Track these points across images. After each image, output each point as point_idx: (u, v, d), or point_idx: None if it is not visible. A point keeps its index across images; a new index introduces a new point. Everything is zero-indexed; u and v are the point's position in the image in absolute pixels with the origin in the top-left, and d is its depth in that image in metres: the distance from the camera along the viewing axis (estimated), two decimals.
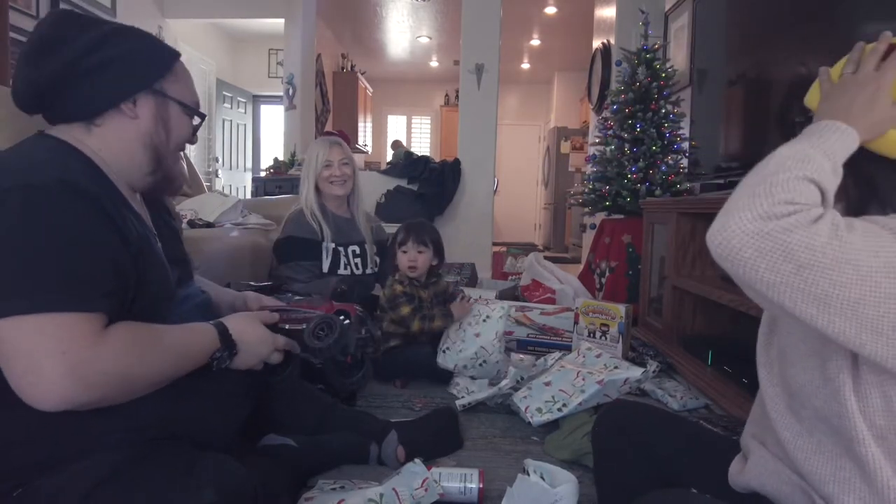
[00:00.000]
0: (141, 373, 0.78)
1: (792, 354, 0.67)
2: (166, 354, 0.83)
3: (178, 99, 0.96)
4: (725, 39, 2.42)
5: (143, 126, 0.92)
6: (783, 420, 0.67)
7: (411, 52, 7.62)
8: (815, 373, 0.63)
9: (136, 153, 0.93)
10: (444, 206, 4.38)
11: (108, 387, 0.74)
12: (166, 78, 0.95)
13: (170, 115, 0.96)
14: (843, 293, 0.53)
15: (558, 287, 3.02)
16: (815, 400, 0.63)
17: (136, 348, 0.78)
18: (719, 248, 0.57)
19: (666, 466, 0.86)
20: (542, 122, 9.08)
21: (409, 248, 1.89)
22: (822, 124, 0.63)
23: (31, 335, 0.70)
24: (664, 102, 3.06)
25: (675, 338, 2.28)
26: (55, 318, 0.71)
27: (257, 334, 0.97)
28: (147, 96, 0.93)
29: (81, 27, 0.88)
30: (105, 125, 0.90)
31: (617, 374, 1.49)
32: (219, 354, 0.90)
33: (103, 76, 0.88)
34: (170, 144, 0.97)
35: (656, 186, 2.98)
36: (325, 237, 2.09)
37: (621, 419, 0.94)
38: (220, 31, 6.53)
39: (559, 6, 5.72)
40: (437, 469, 1.18)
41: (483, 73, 4.35)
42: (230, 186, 6.44)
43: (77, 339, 0.72)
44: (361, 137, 7.59)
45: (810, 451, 0.64)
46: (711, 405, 1.77)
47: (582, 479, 1.17)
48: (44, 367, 0.69)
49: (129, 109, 0.91)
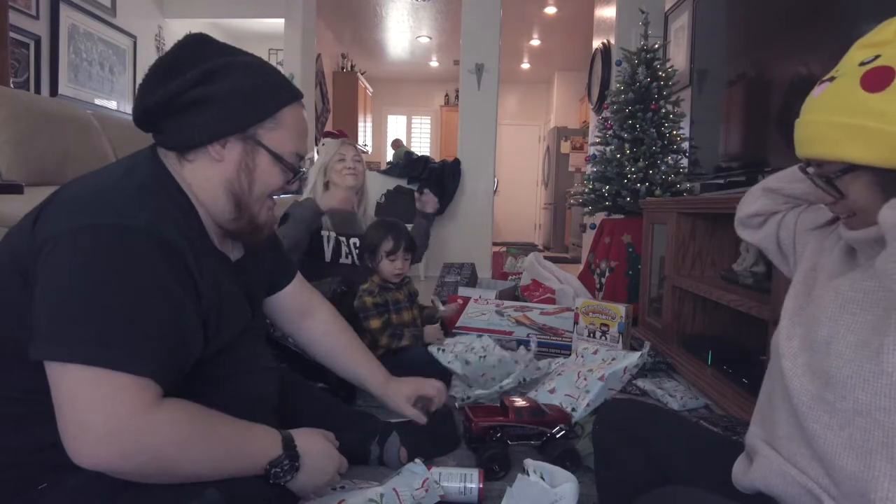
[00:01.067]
0: (182, 458, 0.74)
1: (837, 345, 0.66)
2: (216, 447, 0.78)
3: (271, 149, 0.90)
4: (725, 39, 2.42)
5: (226, 171, 0.88)
6: (812, 412, 0.66)
7: (411, 51, 7.62)
8: (866, 365, 0.62)
9: (219, 197, 0.89)
10: (444, 206, 4.38)
11: (144, 463, 0.71)
12: (264, 124, 0.89)
13: (256, 165, 0.89)
14: None
15: (558, 287, 3.02)
16: (860, 392, 0.61)
17: (185, 431, 0.74)
18: None
19: (667, 464, 0.86)
20: (542, 122, 9.08)
21: (399, 256, 1.82)
22: None
23: (86, 387, 0.68)
24: (664, 102, 3.06)
25: (675, 338, 2.28)
26: (113, 376, 0.69)
27: (325, 450, 0.92)
28: (237, 141, 0.88)
29: (200, 57, 0.85)
30: (195, 162, 0.88)
31: (615, 365, 1.49)
32: (280, 464, 0.83)
33: (198, 113, 0.84)
34: (252, 194, 0.91)
35: (656, 186, 2.98)
36: (327, 226, 2.13)
37: (622, 418, 0.94)
38: (220, 31, 6.52)
39: (559, 6, 5.71)
40: (437, 469, 1.18)
41: (483, 73, 4.35)
42: None
43: (126, 403, 0.69)
44: (361, 137, 7.59)
45: (840, 445, 0.63)
46: (711, 405, 1.77)
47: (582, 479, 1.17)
48: (87, 423, 0.68)
49: (216, 152, 0.87)
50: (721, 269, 2.19)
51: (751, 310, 1.65)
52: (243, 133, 0.88)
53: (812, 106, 0.70)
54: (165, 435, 0.72)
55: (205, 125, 0.85)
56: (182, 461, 0.74)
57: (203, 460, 0.76)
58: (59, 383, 0.69)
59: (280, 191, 0.95)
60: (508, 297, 2.88)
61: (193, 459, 0.75)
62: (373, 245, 1.83)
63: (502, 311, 2.52)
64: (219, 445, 0.78)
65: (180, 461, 0.74)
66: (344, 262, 2.15)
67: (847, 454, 0.62)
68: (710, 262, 2.27)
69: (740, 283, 1.91)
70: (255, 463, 0.82)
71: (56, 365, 0.69)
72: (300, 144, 0.94)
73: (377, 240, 1.82)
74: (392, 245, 1.80)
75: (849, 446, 0.62)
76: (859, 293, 0.67)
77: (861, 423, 0.62)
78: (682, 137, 3.03)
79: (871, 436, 0.61)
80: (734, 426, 1.50)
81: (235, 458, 0.80)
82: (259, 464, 0.82)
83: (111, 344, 0.70)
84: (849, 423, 0.63)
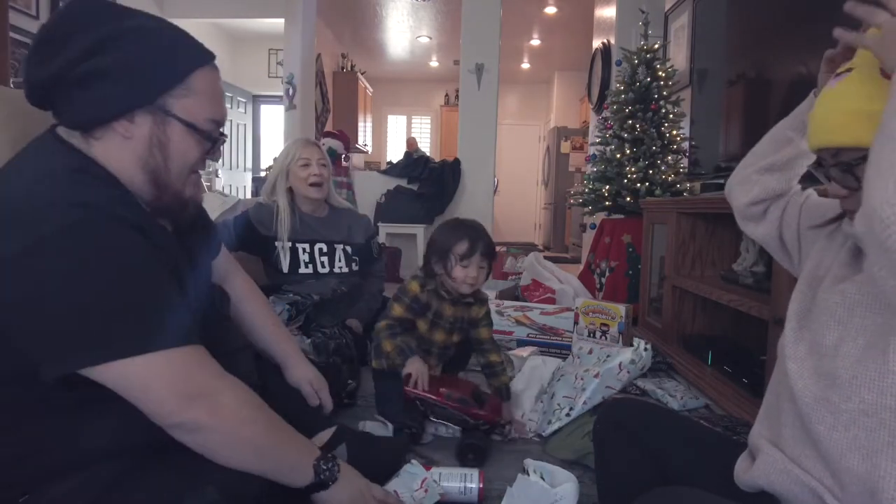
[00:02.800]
0: (255, 420, 0.80)
1: (845, 346, 0.66)
2: (276, 422, 0.83)
3: (183, 118, 0.81)
4: (725, 39, 2.42)
5: (138, 148, 0.80)
6: (816, 414, 0.66)
7: (411, 51, 7.62)
8: (872, 364, 0.62)
9: (136, 176, 0.81)
10: (444, 206, 4.38)
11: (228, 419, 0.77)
12: (173, 92, 0.80)
13: (169, 138, 0.81)
14: None
15: (558, 287, 3.02)
16: (867, 392, 0.62)
17: (252, 397, 0.81)
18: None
19: (666, 463, 0.86)
20: (542, 121, 9.08)
21: (473, 262, 1.46)
22: None
23: (156, 373, 0.72)
24: (664, 102, 3.06)
25: (675, 337, 2.28)
26: (175, 354, 0.74)
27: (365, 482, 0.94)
28: (145, 114, 0.79)
29: (90, 24, 0.76)
30: (104, 140, 0.79)
31: (609, 361, 1.49)
32: (328, 462, 0.88)
33: (97, 86, 0.75)
34: (170, 171, 0.82)
35: (656, 186, 2.98)
36: (280, 235, 1.96)
37: (621, 416, 0.94)
38: (219, 31, 6.53)
39: (559, 6, 5.71)
40: (437, 469, 1.18)
41: (483, 73, 4.34)
42: (230, 186, 6.43)
43: (202, 368, 0.77)
44: (361, 137, 7.59)
45: (845, 446, 0.63)
46: (711, 405, 1.77)
47: (582, 479, 1.17)
48: (170, 395, 0.73)
49: (124, 128, 0.78)
50: (721, 269, 2.19)
51: (751, 310, 1.65)
52: (151, 104, 0.79)
53: (829, 96, 0.69)
54: (242, 397, 0.79)
55: (105, 100, 0.76)
56: (258, 428, 0.79)
57: (270, 433, 0.81)
58: (125, 379, 0.71)
59: (202, 163, 0.87)
60: (508, 297, 2.88)
61: (266, 429, 0.81)
62: (444, 249, 1.48)
63: (502, 311, 2.52)
64: (277, 423, 0.83)
65: (257, 427, 0.79)
66: (304, 272, 1.98)
67: (853, 455, 0.62)
68: (710, 262, 2.27)
69: (740, 283, 1.91)
70: (306, 454, 0.86)
71: (114, 365, 0.70)
72: (216, 110, 0.85)
73: (450, 242, 1.48)
74: (466, 247, 1.45)
75: (854, 447, 0.62)
76: (867, 296, 0.66)
77: (866, 424, 0.62)
78: (682, 137, 3.02)
79: (876, 436, 0.61)
80: (734, 426, 1.50)
81: (291, 442, 0.85)
82: (308, 458, 0.86)
83: (153, 327, 0.72)
84: (854, 424, 0.62)
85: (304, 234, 2.02)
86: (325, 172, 2.04)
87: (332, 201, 2.18)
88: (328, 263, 2.03)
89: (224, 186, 6.23)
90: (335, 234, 2.09)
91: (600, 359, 1.56)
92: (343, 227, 2.12)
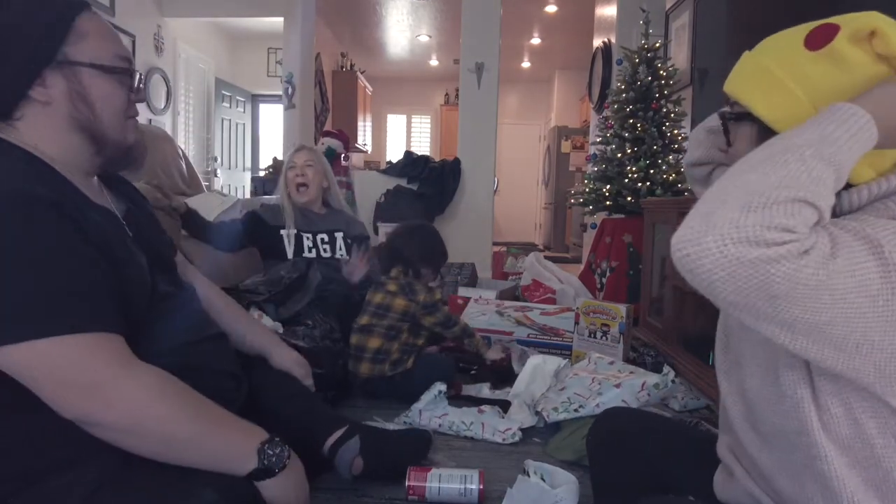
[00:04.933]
0: (168, 415, 0.74)
1: (748, 365, 0.63)
2: (202, 411, 0.78)
3: (91, 62, 0.79)
4: (726, 38, 2.41)
5: (61, 109, 0.78)
6: (746, 436, 0.64)
7: (411, 51, 7.61)
8: (771, 388, 0.59)
9: (71, 140, 0.80)
10: (444, 206, 4.37)
11: (128, 413, 0.72)
12: (68, 41, 0.78)
13: (87, 87, 0.80)
14: (813, 318, 0.48)
15: (559, 287, 3.01)
16: (773, 416, 0.59)
17: (167, 388, 0.76)
18: (686, 260, 0.49)
19: (661, 473, 0.85)
20: (543, 121, 9.08)
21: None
22: (846, 113, 0.52)
23: (60, 356, 0.69)
24: (665, 101, 3.05)
25: (676, 338, 2.27)
26: (82, 339, 0.70)
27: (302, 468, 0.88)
28: (54, 73, 0.77)
29: None
30: (25, 118, 0.78)
31: (633, 378, 1.48)
32: (273, 445, 0.81)
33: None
34: (102, 118, 0.81)
35: (657, 186, 2.97)
36: (288, 224, 2.13)
37: (616, 425, 0.93)
38: (219, 30, 6.51)
39: (560, 5, 5.70)
40: (437, 470, 1.17)
41: (483, 72, 4.34)
42: (229, 186, 6.43)
43: (103, 358, 0.71)
44: (361, 137, 7.58)
45: (774, 468, 0.61)
46: (712, 405, 1.76)
47: (582, 480, 1.16)
48: (70, 382, 0.70)
49: (40, 94, 0.77)
50: None
51: None
52: (53, 60, 0.77)
53: (760, 45, 0.66)
54: (145, 386, 0.73)
55: (8, 74, 0.75)
56: (164, 418, 0.74)
57: (186, 420, 0.75)
58: (29, 361, 0.68)
59: (132, 107, 0.86)
60: (509, 297, 2.87)
61: (175, 417, 0.74)
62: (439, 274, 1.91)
63: (502, 312, 2.51)
64: (201, 411, 0.78)
65: (162, 416, 0.74)
66: (308, 255, 2.13)
67: (781, 476, 0.60)
68: None
69: None
70: (245, 440, 0.80)
71: (21, 346, 0.67)
72: (117, 46, 0.84)
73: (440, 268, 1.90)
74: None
75: (780, 468, 0.60)
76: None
77: (783, 445, 0.59)
78: (683, 137, 3.02)
79: (794, 457, 0.58)
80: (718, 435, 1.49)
81: (222, 428, 0.79)
82: (250, 443, 0.79)
83: (66, 311, 0.70)
84: (775, 447, 0.61)
85: (308, 225, 2.18)
86: (309, 172, 2.18)
87: (332, 203, 2.31)
88: (330, 250, 2.18)
89: (223, 186, 6.23)
90: (334, 225, 2.24)
91: (622, 371, 1.56)
92: (341, 221, 2.28)
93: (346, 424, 1.20)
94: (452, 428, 1.48)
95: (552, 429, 1.50)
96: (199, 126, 6.04)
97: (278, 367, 1.20)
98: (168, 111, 5.28)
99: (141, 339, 0.81)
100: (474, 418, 1.49)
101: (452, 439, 1.45)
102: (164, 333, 0.87)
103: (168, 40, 5.22)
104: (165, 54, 5.18)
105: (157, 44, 5.03)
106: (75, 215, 0.74)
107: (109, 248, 0.78)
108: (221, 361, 0.98)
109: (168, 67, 5.25)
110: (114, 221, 0.85)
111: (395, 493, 1.17)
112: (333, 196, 2.31)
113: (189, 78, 5.74)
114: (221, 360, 0.98)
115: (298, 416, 1.14)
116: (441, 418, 1.49)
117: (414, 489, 1.15)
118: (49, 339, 0.68)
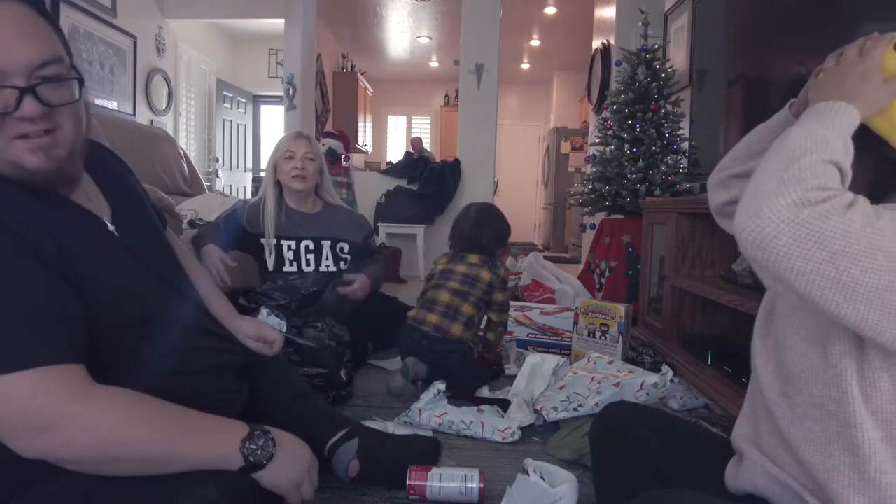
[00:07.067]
0: (133, 438, 0.69)
1: (791, 340, 0.67)
2: (170, 426, 0.73)
3: None
4: (725, 39, 2.42)
5: None
6: (777, 409, 0.67)
7: (411, 52, 7.62)
8: (816, 358, 0.62)
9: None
10: (444, 206, 4.38)
11: (91, 446, 0.67)
12: None
13: None
14: (872, 280, 0.51)
15: (558, 287, 3.02)
16: (813, 385, 0.63)
17: (128, 410, 0.70)
18: (752, 234, 0.54)
19: (663, 467, 0.86)
20: (542, 122, 9.08)
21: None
22: (822, 105, 0.61)
23: (4, 398, 0.64)
24: (664, 102, 3.06)
25: (675, 337, 2.28)
26: (24, 377, 0.64)
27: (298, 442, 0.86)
28: None
29: None
30: None
31: (632, 377, 1.50)
32: (254, 439, 0.77)
33: None
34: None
35: (656, 186, 2.98)
36: (267, 231, 1.95)
37: (617, 418, 0.94)
38: (220, 32, 6.53)
39: (559, 6, 5.71)
40: (438, 469, 1.18)
41: (483, 73, 4.35)
42: (230, 186, 6.44)
43: (52, 394, 0.65)
44: (361, 137, 7.59)
45: (801, 438, 0.64)
46: (711, 405, 1.77)
47: (582, 479, 1.17)
48: (21, 426, 0.65)
49: None
50: (721, 269, 2.19)
51: (751, 310, 1.65)
52: None
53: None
54: (106, 414, 0.68)
55: None
56: (133, 442, 0.69)
57: (159, 439, 0.71)
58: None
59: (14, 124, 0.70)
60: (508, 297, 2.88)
61: (146, 439, 0.70)
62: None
63: None
64: (173, 424, 0.73)
65: (131, 441, 0.69)
66: (289, 269, 1.96)
67: (809, 446, 0.63)
68: (709, 262, 2.27)
69: (740, 283, 1.91)
70: (224, 443, 0.76)
71: None
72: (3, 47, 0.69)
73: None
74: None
75: (810, 438, 0.63)
76: None
77: (816, 415, 0.63)
78: (681, 137, 3.03)
79: (826, 426, 0.62)
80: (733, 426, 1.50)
81: (198, 436, 0.75)
82: (231, 443, 0.76)
83: (3, 348, 0.64)
84: (807, 417, 0.64)
85: (291, 230, 1.99)
86: (310, 167, 1.99)
87: (327, 197, 2.13)
88: (314, 261, 2.00)
89: (224, 186, 6.24)
90: (324, 231, 2.04)
91: (621, 370, 1.57)
92: (335, 224, 2.08)
93: (348, 426, 1.19)
94: (452, 427, 1.49)
95: (551, 428, 1.51)
96: (201, 127, 6.05)
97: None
98: (169, 112, 5.30)
99: (136, 346, 0.79)
100: (473, 417, 1.50)
101: (452, 438, 1.46)
102: (162, 339, 0.84)
103: (169, 41, 5.23)
104: (167, 55, 5.20)
105: (158, 45, 5.04)
106: (18, 229, 0.68)
107: (79, 259, 0.73)
108: (222, 364, 0.97)
109: (169, 68, 5.26)
110: (92, 226, 0.81)
111: (395, 493, 1.18)
112: (327, 190, 2.13)
113: (190, 79, 5.75)
114: (222, 363, 0.97)
115: (299, 417, 1.13)
116: (440, 417, 1.50)
117: (415, 488, 1.16)
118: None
